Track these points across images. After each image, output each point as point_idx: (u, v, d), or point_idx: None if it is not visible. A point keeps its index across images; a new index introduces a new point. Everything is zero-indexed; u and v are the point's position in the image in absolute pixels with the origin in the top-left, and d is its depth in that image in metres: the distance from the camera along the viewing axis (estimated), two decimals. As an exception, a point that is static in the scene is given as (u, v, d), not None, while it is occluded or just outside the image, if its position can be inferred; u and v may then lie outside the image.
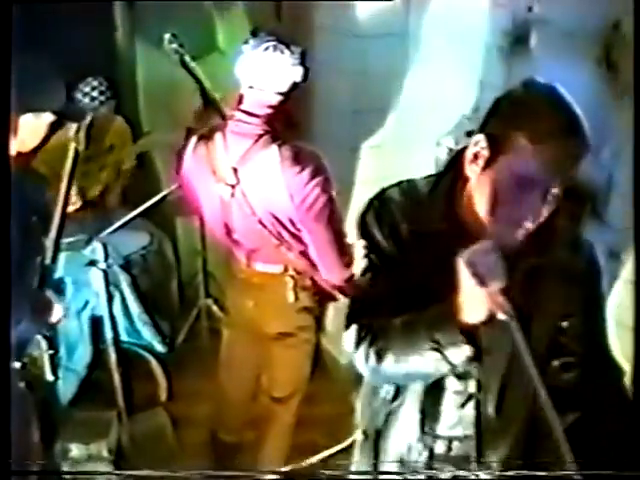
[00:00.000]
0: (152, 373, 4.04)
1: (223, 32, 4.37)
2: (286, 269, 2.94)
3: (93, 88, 4.00)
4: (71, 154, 2.84)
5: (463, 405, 2.01)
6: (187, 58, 3.46)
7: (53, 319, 2.80)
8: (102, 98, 3.91)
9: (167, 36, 3.48)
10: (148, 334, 3.92)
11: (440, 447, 2.05)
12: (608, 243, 2.20)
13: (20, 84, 2.51)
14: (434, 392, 2.01)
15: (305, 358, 3.12)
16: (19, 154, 2.65)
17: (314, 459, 3.01)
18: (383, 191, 1.98)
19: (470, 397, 2.00)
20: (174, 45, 3.47)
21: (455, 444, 2.04)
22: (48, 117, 2.61)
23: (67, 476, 3.48)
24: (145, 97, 4.68)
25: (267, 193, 2.79)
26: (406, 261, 1.88)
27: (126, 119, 4.38)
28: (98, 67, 4.31)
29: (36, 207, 2.81)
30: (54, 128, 2.68)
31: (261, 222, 2.84)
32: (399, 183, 2.00)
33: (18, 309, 2.58)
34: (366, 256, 1.93)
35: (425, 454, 2.06)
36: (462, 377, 1.96)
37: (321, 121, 3.82)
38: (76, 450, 3.47)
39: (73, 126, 2.77)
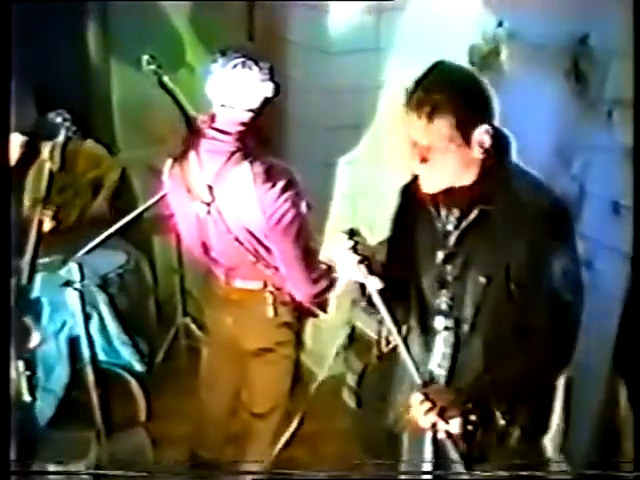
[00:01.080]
0: (131, 393, 4.00)
1: (192, 49, 4.38)
2: (265, 285, 2.94)
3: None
4: (46, 174, 2.84)
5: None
6: (165, 79, 3.47)
7: (30, 345, 2.80)
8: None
9: (145, 57, 3.50)
10: (126, 353, 3.89)
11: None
12: (582, 253, 2.25)
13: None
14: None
15: (285, 373, 3.12)
16: None
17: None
18: None
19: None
20: (152, 66, 3.48)
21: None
22: (17, 137, 2.61)
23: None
24: (120, 116, 4.66)
25: (241, 210, 2.80)
26: None
27: (97, 140, 4.36)
28: (71, 86, 4.30)
29: (11, 226, 2.80)
30: (27, 148, 2.68)
31: (237, 239, 2.84)
32: None
33: None
34: None
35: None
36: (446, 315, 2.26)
37: (295, 137, 3.84)
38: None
39: (47, 146, 2.77)
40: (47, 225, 2.94)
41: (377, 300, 2.22)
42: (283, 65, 3.12)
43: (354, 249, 2.23)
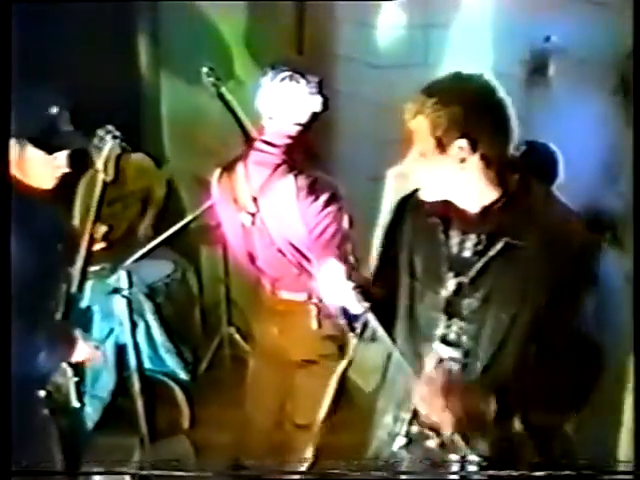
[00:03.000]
0: (175, 400, 4.05)
1: (241, 62, 4.42)
2: (310, 297, 2.94)
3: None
4: (99, 185, 2.88)
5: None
6: (224, 90, 3.49)
7: (79, 357, 2.83)
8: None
9: (205, 69, 3.53)
10: (171, 362, 3.94)
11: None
12: (626, 270, 2.22)
13: (26, 116, 2.58)
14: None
15: (328, 386, 3.13)
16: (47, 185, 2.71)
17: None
18: None
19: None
20: (211, 78, 3.52)
21: None
22: (63, 154, 2.66)
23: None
24: (168, 128, 4.73)
25: (284, 222, 2.83)
26: None
27: (146, 152, 4.43)
28: (121, 98, 4.38)
29: (62, 235, 2.86)
30: (76, 163, 2.73)
31: (280, 251, 2.87)
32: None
33: (39, 338, 2.63)
34: None
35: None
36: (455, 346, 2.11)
37: (342, 151, 3.86)
38: (98, 476, 3.49)
39: (100, 158, 2.81)
40: (99, 236, 2.98)
41: (376, 325, 2.12)
42: (331, 79, 3.14)
43: (349, 275, 2.14)
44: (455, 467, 2.07)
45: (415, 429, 2.17)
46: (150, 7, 4.53)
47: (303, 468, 2.72)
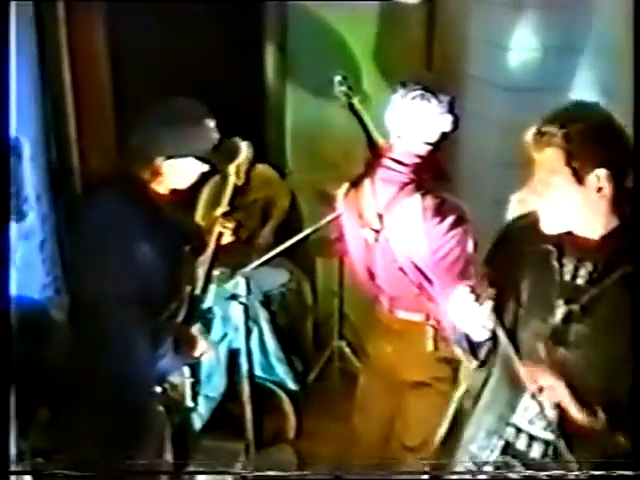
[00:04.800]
0: (282, 409, 4.08)
1: (369, 76, 4.43)
2: (427, 318, 2.93)
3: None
4: (230, 188, 2.94)
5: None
6: (355, 101, 3.50)
7: (197, 353, 2.90)
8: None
9: (337, 78, 3.54)
10: (281, 370, 3.98)
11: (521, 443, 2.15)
12: None
13: (167, 128, 2.65)
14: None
15: (440, 410, 3.09)
16: (173, 190, 2.79)
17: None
18: None
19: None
20: (343, 88, 3.52)
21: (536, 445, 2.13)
22: (194, 162, 2.72)
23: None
24: (292, 139, 4.78)
25: (408, 241, 2.81)
26: None
27: (270, 163, 4.48)
28: (248, 109, 4.45)
29: (188, 238, 2.93)
30: (206, 170, 2.79)
31: (402, 269, 2.86)
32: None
33: (163, 340, 2.70)
34: None
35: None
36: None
37: (467, 172, 3.82)
38: (202, 477, 3.54)
39: (233, 164, 2.87)
40: (227, 238, 3.03)
41: (506, 344, 2.11)
42: (460, 98, 3.11)
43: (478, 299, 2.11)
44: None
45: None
46: (278, 20, 4.59)
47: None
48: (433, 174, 2.83)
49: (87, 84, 3.82)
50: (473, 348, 2.22)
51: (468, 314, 2.12)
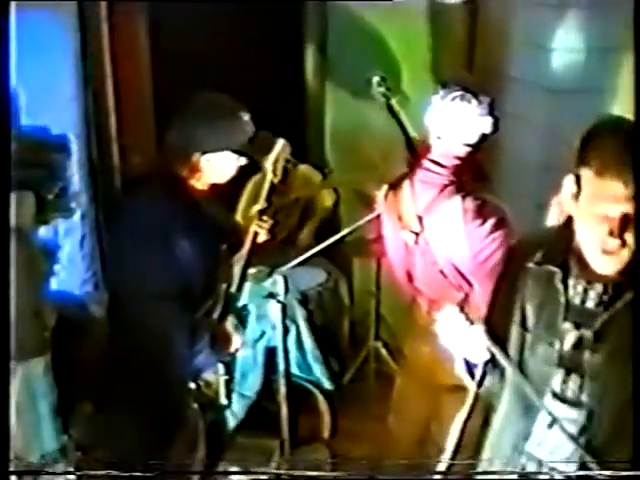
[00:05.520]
0: (318, 409, 4.08)
1: (409, 77, 4.41)
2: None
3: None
4: (267, 185, 2.95)
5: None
6: (394, 102, 3.48)
7: (231, 349, 2.92)
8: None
9: (376, 79, 3.53)
10: (318, 370, 3.97)
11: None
12: None
13: (202, 123, 2.67)
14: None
15: (476, 415, 3.07)
16: (213, 185, 2.80)
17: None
18: None
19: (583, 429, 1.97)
20: (382, 88, 3.51)
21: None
22: (232, 156, 2.74)
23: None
24: (331, 140, 4.78)
25: (449, 244, 2.80)
26: None
27: (312, 164, 4.48)
28: (287, 109, 4.46)
29: (226, 236, 2.95)
30: (244, 164, 2.80)
31: (442, 272, 2.85)
32: None
33: (199, 336, 2.71)
34: None
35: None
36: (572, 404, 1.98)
37: (508, 175, 3.79)
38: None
39: (269, 159, 2.87)
40: (262, 237, 3.04)
41: (505, 362, 2.05)
42: (500, 100, 3.09)
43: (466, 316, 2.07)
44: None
45: None
46: (318, 20, 4.59)
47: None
48: (473, 176, 2.82)
49: (128, 82, 3.87)
50: (470, 369, 2.16)
51: (458, 334, 2.08)
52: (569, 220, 1.97)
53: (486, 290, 2.74)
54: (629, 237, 1.83)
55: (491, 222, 2.71)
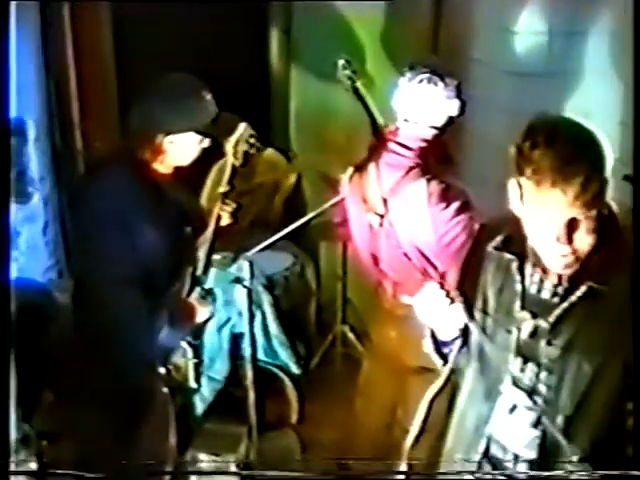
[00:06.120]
0: (285, 394, 4.07)
1: (373, 60, 4.40)
2: None
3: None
4: (228, 169, 2.93)
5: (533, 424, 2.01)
6: (359, 85, 3.47)
7: (197, 321, 2.88)
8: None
9: (341, 62, 3.51)
10: (284, 355, 3.96)
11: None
12: None
13: (165, 104, 2.64)
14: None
15: (443, 396, 3.08)
16: (176, 168, 2.78)
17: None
18: None
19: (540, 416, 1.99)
20: (347, 71, 3.49)
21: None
22: (196, 136, 2.71)
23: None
24: (296, 123, 4.76)
25: (413, 227, 2.81)
26: None
27: (276, 148, 4.45)
28: (252, 93, 4.43)
29: (191, 218, 2.93)
30: (207, 145, 2.78)
31: (406, 255, 2.85)
32: None
33: (160, 316, 2.69)
34: None
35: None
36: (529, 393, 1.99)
37: (472, 157, 3.79)
38: (205, 460, 3.54)
39: (230, 141, 2.85)
40: (225, 220, 3.01)
41: (481, 338, 2.05)
42: (465, 83, 3.08)
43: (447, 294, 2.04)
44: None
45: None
46: (283, 2, 4.56)
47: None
48: (439, 159, 2.82)
49: (91, 66, 3.81)
50: (438, 347, 2.16)
51: (437, 311, 2.05)
52: None
53: (450, 273, 2.77)
54: (580, 240, 1.82)
55: (455, 205, 2.72)
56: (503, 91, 3.69)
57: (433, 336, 2.16)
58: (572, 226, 1.79)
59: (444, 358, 2.17)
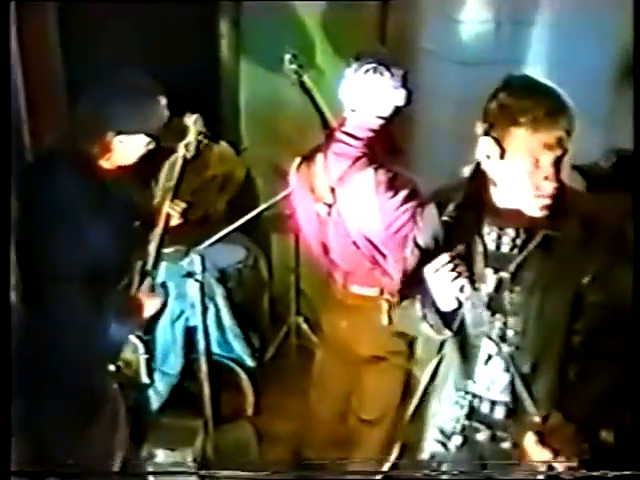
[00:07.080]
0: (240, 386, 4.06)
1: (322, 51, 4.40)
2: (382, 292, 2.93)
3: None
4: (179, 163, 2.91)
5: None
6: (305, 78, 3.48)
7: (146, 313, 2.87)
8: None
9: (288, 56, 3.51)
10: (239, 347, 3.96)
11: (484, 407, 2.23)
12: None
13: (118, 102, 2.62)
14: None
15: (396, 383, 3.10)
16: (119, 167, 2.76)
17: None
18: None
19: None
20: (294, 66, 3.50)
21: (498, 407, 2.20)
22: (144, 138, 2.70)
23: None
24: (246, 116, 4.74)
25: (361, 215, 2.82)
26: None
27: (227, 141, 4.43)
28: (201, 85, 4.39)
29: (140, 213, 2.91)
30: (153, 149, 2.77)
31: (355, 244, 2.86)
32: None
33: (108, 311, 2.68)
34: None
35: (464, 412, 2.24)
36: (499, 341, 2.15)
37: (421, 146, 3.82)
38: (162, 455, 3.53)
39: (182, 143, 2.85)
40: (175, 220, 3.00)
41: (483, 311, 2.16)
42: (413, 72, 3.10)
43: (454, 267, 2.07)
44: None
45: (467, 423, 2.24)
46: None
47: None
48: (386, 148, 2.83)
49: (38, 61, 3.75)
50: (445, 318, 2.17)
51: (443, 283, 2.07)
52: (481, 175, 2.13)
53: (398, 260, 2.78)
54: (562, 176, 2.02)
55: (403, 194, 2.73)
56: (450, 80, 3.72)
57: (436, 309, 2.17)
58: (557, 164, 2.00)
59: (450, 328, 2.19)
